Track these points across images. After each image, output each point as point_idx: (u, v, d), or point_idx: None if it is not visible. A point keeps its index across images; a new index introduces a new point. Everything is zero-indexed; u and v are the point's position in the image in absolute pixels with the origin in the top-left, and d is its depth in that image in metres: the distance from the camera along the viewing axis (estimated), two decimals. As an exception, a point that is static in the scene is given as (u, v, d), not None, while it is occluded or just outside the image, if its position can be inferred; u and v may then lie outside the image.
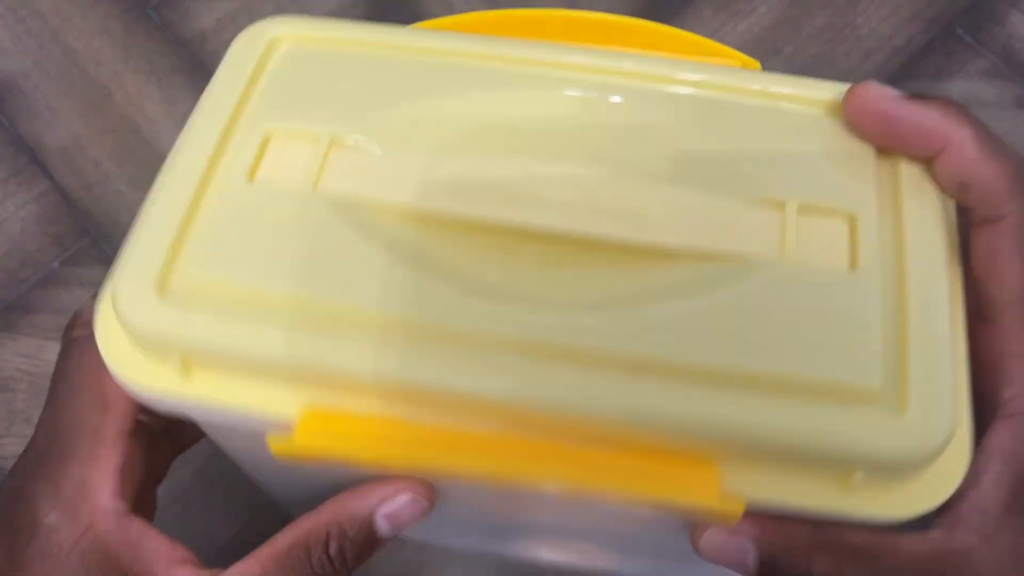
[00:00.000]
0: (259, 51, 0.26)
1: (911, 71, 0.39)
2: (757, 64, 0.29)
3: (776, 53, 0.40)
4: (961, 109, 0.22)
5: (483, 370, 0.21)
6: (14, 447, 0.36)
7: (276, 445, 0.22)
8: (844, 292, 0.22)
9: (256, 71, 0.26)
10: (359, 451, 0.22)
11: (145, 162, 0.40)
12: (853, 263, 0.23)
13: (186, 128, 0.24)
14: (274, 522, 0.35)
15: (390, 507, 0.24)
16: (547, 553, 0.35)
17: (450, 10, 0.41)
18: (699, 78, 0.26)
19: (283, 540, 0.24)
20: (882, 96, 0.23)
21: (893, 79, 0.39)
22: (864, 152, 0.25)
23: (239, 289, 0.22)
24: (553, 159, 0.24)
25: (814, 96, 0.26)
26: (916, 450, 0.21)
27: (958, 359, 0.23)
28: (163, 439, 0.27)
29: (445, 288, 0.22)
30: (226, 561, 0.34)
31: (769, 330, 0.22)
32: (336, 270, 0.22)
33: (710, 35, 0.40)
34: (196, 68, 0.41)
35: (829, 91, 0.26)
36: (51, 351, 0.37)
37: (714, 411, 0.21)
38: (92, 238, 0.39)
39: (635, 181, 0.24)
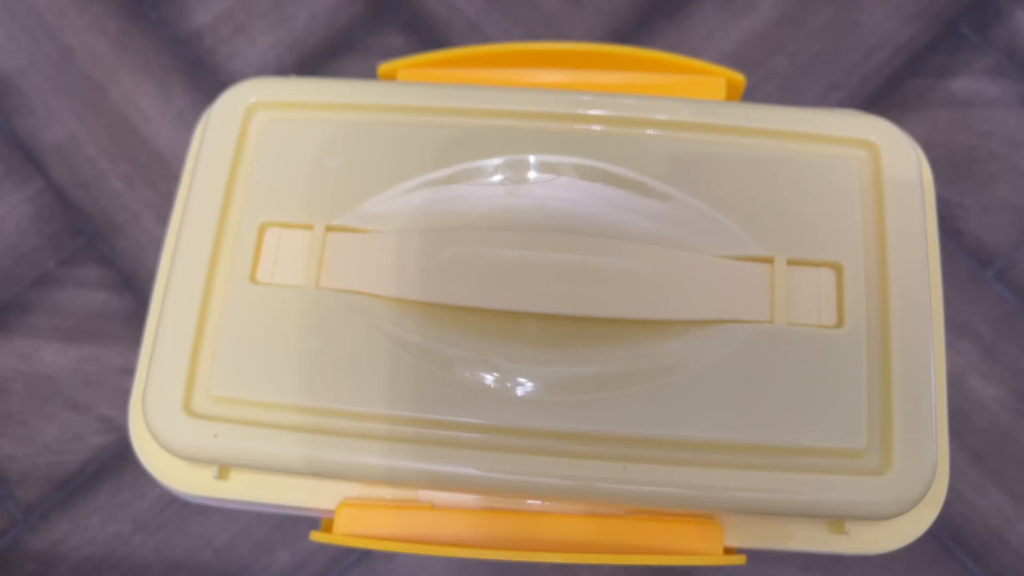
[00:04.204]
0: (237, 124, 0.26)
1: (915, 68, 0.39)
2: (742, 79, 0.28)
3: (779, 50, 0.40)
4: None
5: (489, 460, 0.22)
6: (9, 448, 0.36)
7: (318, 537, 0.23)
8: (831, 352, 0.23)
9: (238, 149, 0.25)
10: (396, 544, 0.23)
11: (141, 160, 0.39)
12: (840, 320, 0.23)
13: (181, 224, 0.25)
14: (272, 526, 0.35)
15: None
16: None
17: (451, 9, 0.41)
18: (676, 119, 0.25)
19: None
20: None
21: (897, 77, 0.39)
22: (849, 190, 0.24)
23: (262, 404, 0.23)
24: (545, 229, 0.24)
25: (793, 129, 0.25)
26: (899, 503, 0.22)
27: (939, 405, 0.23)
28: None
29: (451, 382, 0.23)
30: (223, 563, 0.34)
31: (761, 400, 0.22)
32: (346, 374, 0.23)
33: (712, 32, 0.40)
34: (193, 66, 0.41)
35: (808, 121, 0.25)
36: (47, 351, 0.37)
37: (711, 486, 0.22)
38: (87, 237, 0.38)
39: (626, 246, 0.24)
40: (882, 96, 0.39)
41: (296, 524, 0.35)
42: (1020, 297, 0.36)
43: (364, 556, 0.34)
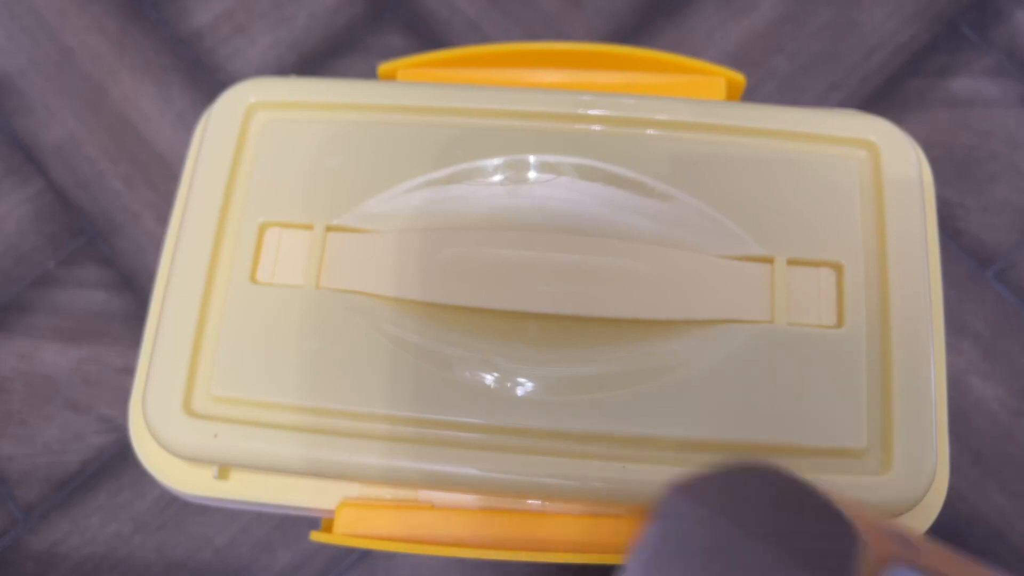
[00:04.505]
0: (237, 124, 0.26)
1: (915, 68, 0.39)
2: (742, 79, 0.28)
3: (779, 50, 0.40)
4: None
5: (489, 460, 0.22)
6: (9, 448, 0.36)
7: (318, 537, 0.24)
8: (831, 352, 0.23)
9: (238, 149, 0.25)
10: (396, 544, 0.23)
11: (141, 160, 0.39)
12: (840, 320, 0.23)
13: (181, 224, 0.25)
14: (272, 526, 0.35)
15: None
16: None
17: (451, 9, 0.41)
18: (676, 119, 0.25)
19: None
20: None
21: (897, 77, 0.39)
22: (849, 190, 0.24)
23: (261, 404, 0.23)
24: (545, 229, 0.24)
25: (793, 129, 0.25)
26: (899, 503, 0.22)
27: (939, 405, 0.23)
28: None
29: (451, 382, 0.23)
30: (223, 563, 0.34)
31: (761, 399, 0.22)
32: (346, 374, 0.23)
33: (712, 32, 0.40)
34: (193, 66, 0.41)
35: (808, 121, 0.25)
36: (47, 351, 0.37)
37: None
38: (87, 237, 0.38)
39: (626, 246, 0.24)
40: (882, 96, 0.39)
41: (296, 524, 0.34)
42: (1020, 297, 0.36)
43: (364, 556, 0.34)
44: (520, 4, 0.41)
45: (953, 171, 0.38)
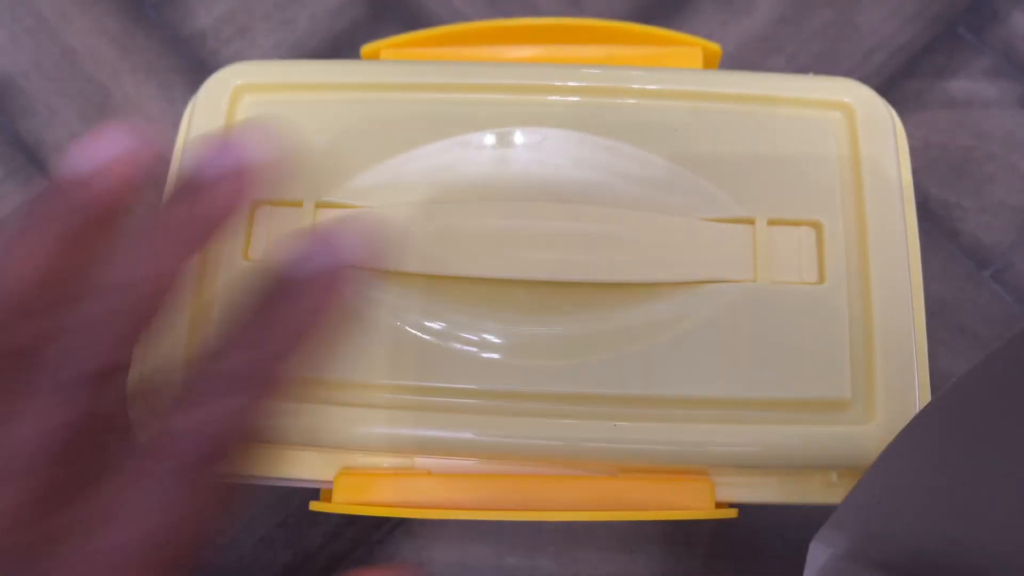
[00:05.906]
0: (224, 107, 0.26)
1: (913, 70, 0.39)
2: (718, 48, 0.29)
3: (778, 52, 0.40)
4: None
5: (484, 424, 0.23)
6: (12, 448, 0.36)
7: (317, 507, 0.24)
8: (814, 308, 0.23)
9: (226, 131, 0.26)
10: (394, 510, 0.24)
11: (143, 161, 0.39)
12: (821, 276, 0.24)
13: None
14: (275, 524, 0.35)
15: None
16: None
17: (451, 11, 0.41)
18: (659, 88, 0.26)
19: None
20: None
21: (895, 78, 0.39)
22: (826, 151, 0.25)
23: None
24: (531, 197, 0.25)
25: (769, 93, 0.26)
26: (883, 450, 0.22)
27: (920, 359, 0.23)
28: None
29: (444, 349, 0.23)
30: (224, 561, 0.34)
31: (748, 356, 0.23)
32: (340, 346, 0.23)
33: (711, 34, 0.40)
34: (195, 67, 0.41)
35: (784, 85, 0.26)
36: (49, 351, 0.37)
37: (701, 441, 0.22)
38: (90, 238, 0.39)
39: (611, 212, 0.24)
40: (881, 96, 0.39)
41: (298, 523, 0.35)
42: (1017, 298, 0.36)
43: (365, 556, 0.34)
44: (519, 5, 0.41)
45: (951, 172, 0.38)
